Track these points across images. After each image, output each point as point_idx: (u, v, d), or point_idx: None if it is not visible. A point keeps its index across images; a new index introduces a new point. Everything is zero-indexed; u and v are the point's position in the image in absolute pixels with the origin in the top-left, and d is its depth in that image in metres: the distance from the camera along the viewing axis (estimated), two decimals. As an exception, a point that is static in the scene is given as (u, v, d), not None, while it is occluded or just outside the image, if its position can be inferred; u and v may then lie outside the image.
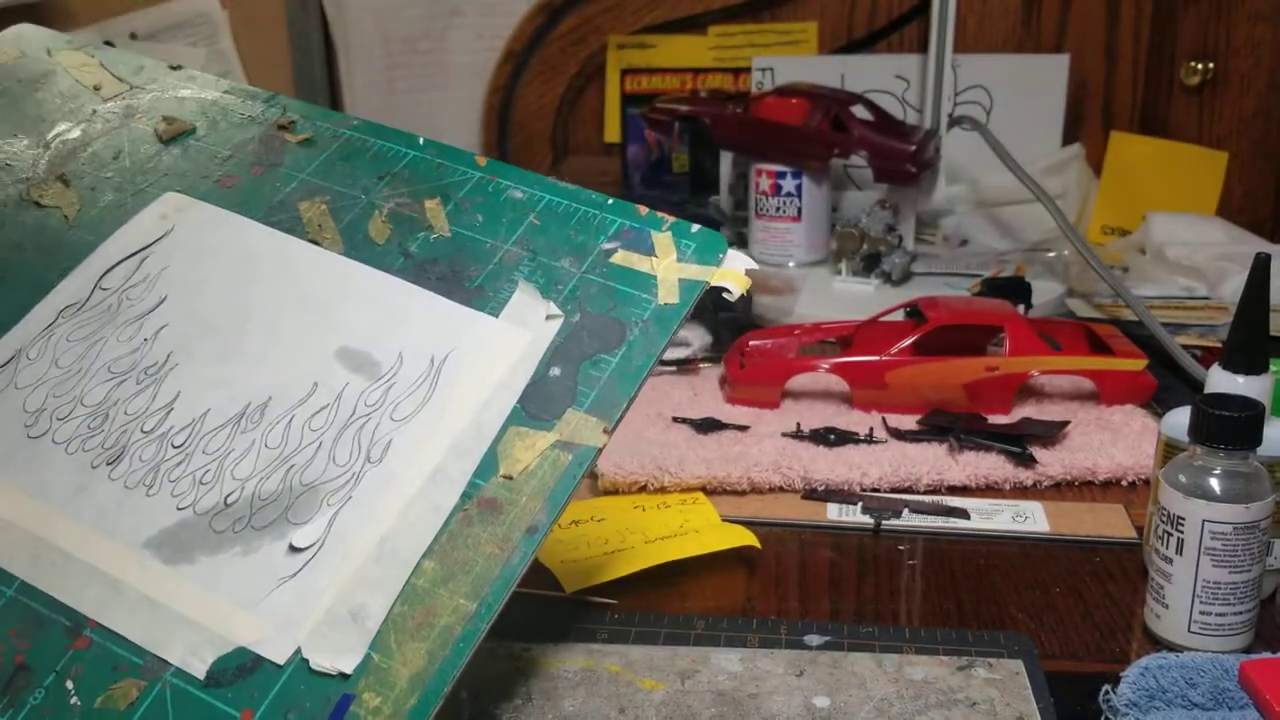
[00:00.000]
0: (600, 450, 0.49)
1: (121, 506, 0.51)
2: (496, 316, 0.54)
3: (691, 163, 1.35)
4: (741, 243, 1.23)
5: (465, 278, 0.55)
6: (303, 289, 0.56)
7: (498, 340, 0.53)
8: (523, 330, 0.53)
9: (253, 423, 0.52)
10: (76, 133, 0.64)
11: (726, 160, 1.27)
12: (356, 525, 0.49)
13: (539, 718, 0.53)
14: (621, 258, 0.55)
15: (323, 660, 0.45)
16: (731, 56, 1.38)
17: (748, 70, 1.37)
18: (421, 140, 0.62)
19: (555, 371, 0.52)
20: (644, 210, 0.56)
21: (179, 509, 0.50)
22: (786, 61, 1.35)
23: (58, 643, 0.47)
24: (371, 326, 0.55)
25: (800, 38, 1.37)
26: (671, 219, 0.55)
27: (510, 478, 0.49)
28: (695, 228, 0.55)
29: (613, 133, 1.42)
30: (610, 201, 0.57)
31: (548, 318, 0.53)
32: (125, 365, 0.55)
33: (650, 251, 0.55)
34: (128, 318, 0.57)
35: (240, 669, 0.46)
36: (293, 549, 0.48)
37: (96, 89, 0.66)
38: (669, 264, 0.54)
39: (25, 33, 0.69)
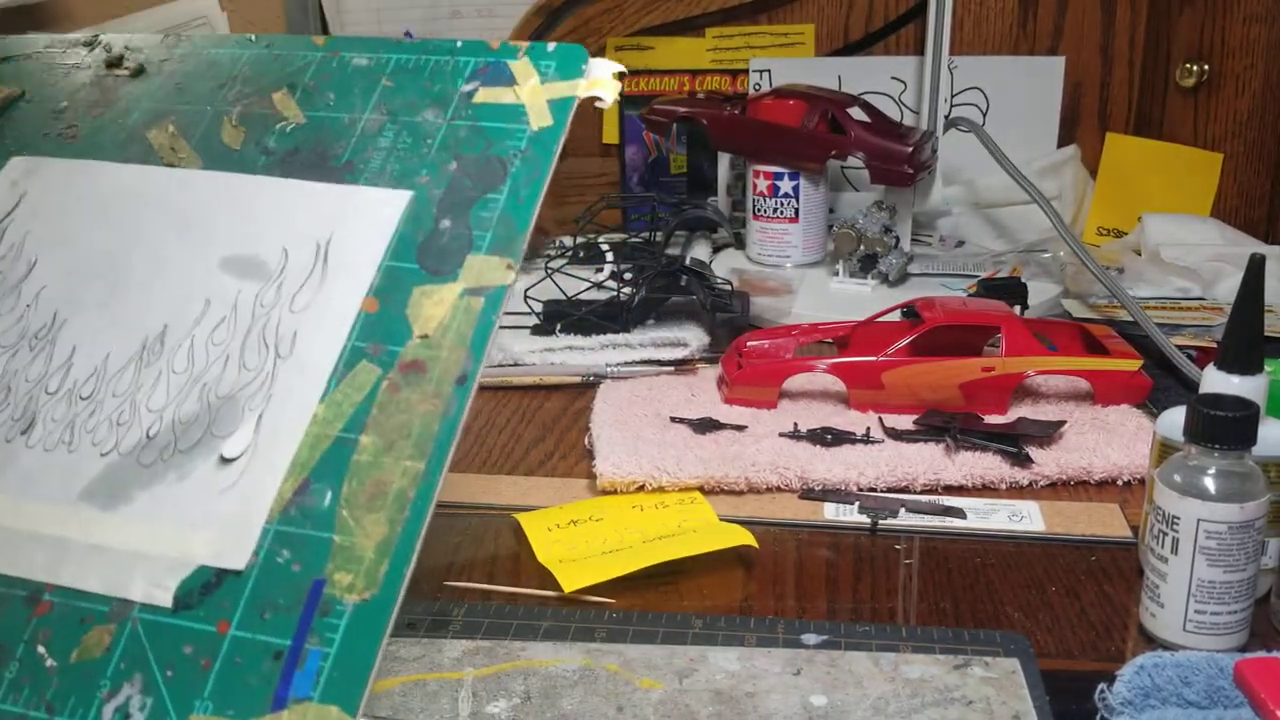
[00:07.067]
0: (509, 287, 0.50)
1: (46, 469, 0.51)
2: (372, 186, 0.54)
3: (689, 164, 1.35)
4: (739, 243, 1.23)
5: (331, 157, 0.55)
6: (171, 213, 0.56)
7: (376, 208, 0.53)
8: (402, 191, 0.53)
9: (154, 354, 0.53)
10: None
11: (724, 161, 1.27)
12: (284, 421, 0.49)
13: (537, 717, 0.54)
14: (485, 94, 0.55)
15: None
16: (729, 58, 1.38)
17: (745, 72, 1.37)
18: (253, 37, 0.61)
19: (446, 223, 0.52)
20: (496, 43, 0.56)
21: (103, 455, 0.51)
22: (784, 63, 1.35)
23: (19, 614, 0.48)
24: (249, 231, 0.55)
25: (797, 39, 1.37)
26: (526, 44, 0.56)
27: (426, 336, 0.49)
28: (551, 46, 0.55)
29: (611, 134, 1.42)
30: (460, 44, 0.57)
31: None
32: (13, 336, 0.55)
33: (511, 81, 0.55)
34: (3, 290, 0.57)
35: (205, 586, 0.47)
36: (224, 460, 0.49)
37: None
38: (533, 88, 0.54)
39: None
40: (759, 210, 1.17)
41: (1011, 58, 1.33)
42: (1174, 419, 0.63)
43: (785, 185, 1.15)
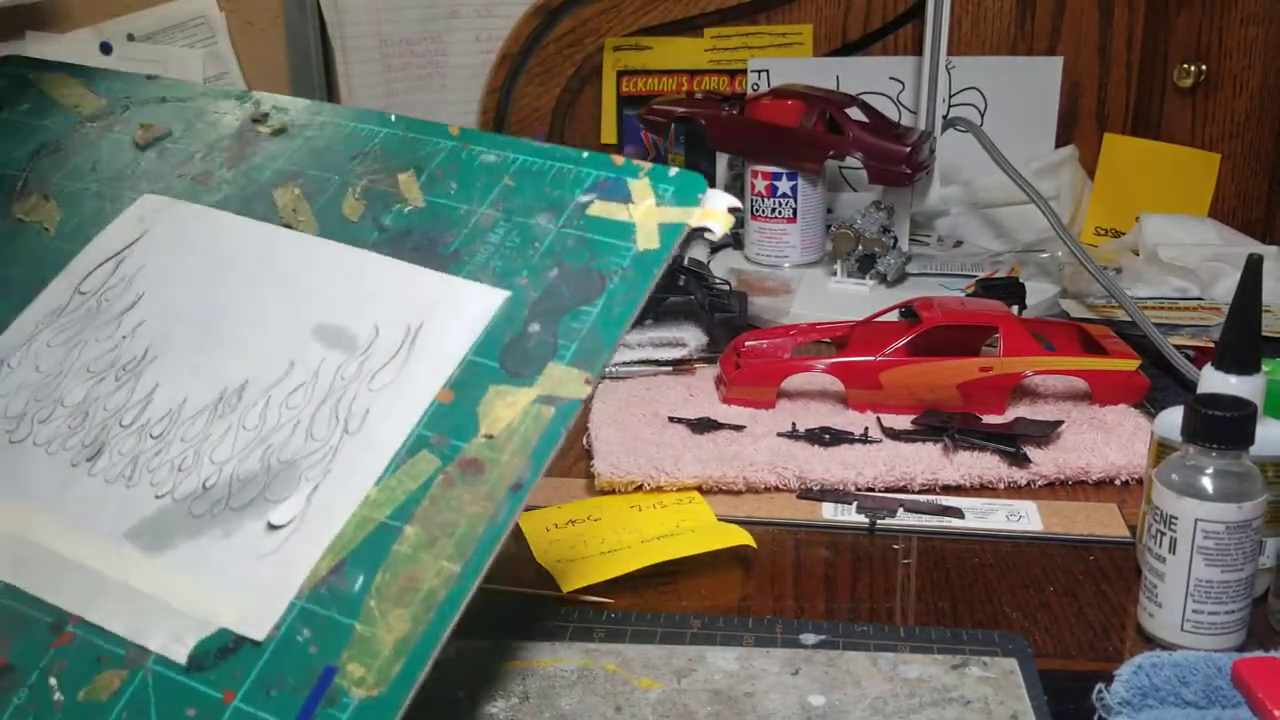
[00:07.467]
0: (583, 402, 0.49)
1: (103, 500, 0.51)
2: (474, 279, 0.54)
3: (687, 164, 1.35)
4: (737, 243, 1.23)
5: (440, 245, 0.56)
6: (276, 272, 0.57)
7: (472, 302, 0.53)
8: (500, 290, 0.53)
9: (229, 407, 0.53)
10: (56, 150, 0.65)
11: (722, 162, 1.27)
12: (337, 497, 0.49)
13: (536, 717, 0.54)
14: (599, 208, 0.54)
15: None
16: (727, 58, 1.38)
17: (743, 72, 1.37)
18: (393, 117, 0.62)
19: (535, 327, 0.52)
20: (620, 160, 0.56)
21: (157, 497, 0.51)
22: (782, 63, 1.35)
23: (41, 640, 0.48)
24: (346, 302, 0.55)
25: (795, 40, 1.37)
26: (649, 165, 0.55)
27: (491, 436, 0.49)
28: (673, 171, 0.55)
29: (609, 134, 1.42)
30: (586, 155, 0.57)
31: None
32: (104, 363, 0.56)
33: (627, 199, 0.54)
34: (106, 318, 0.58)
35: (221, 650, 0.46)
36: (270, 526, 0.49)
37: (76, 108, 0.67)
38: (647, 209, 0.54)
39: (9, 61, 0.71)
40: (757, 210, 1.17)
41: (1009, 58, 1.34)
42: (1172, 419, 0.63)
43: (783, 185, 1.15)
